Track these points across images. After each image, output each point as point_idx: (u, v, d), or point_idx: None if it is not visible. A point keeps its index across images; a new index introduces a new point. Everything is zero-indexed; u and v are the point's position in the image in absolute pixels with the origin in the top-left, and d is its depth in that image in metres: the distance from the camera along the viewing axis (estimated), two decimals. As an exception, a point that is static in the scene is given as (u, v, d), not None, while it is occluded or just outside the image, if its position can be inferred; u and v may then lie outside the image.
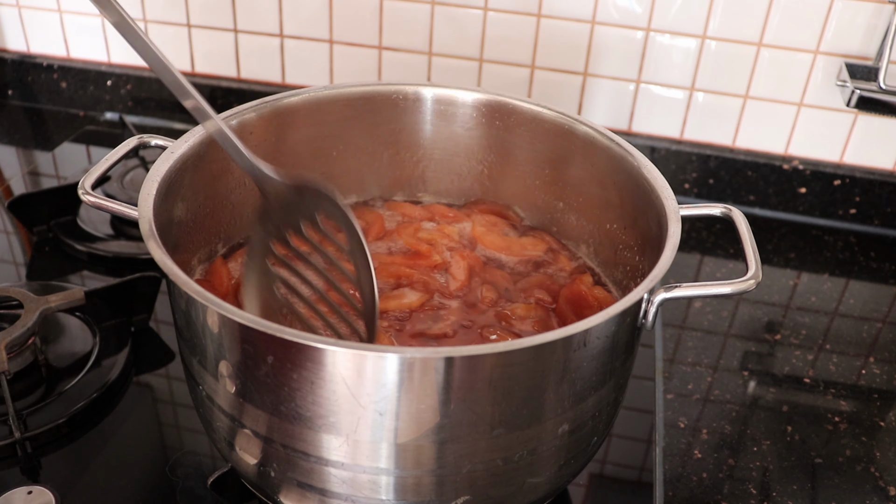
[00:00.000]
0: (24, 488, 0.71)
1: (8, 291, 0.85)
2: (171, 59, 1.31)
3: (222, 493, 0.74)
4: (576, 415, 0.62)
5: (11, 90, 1.39)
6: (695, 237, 1.15)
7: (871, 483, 0.79)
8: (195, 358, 0.64)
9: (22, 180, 1.20)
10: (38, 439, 0.77)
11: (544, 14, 1.14)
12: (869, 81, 1.05)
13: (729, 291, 0.63)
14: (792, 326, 0.99)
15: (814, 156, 1.18)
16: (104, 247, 1.03)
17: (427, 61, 1.22)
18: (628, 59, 1.16)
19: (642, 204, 0.74)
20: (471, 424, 0.58)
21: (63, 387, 0.82)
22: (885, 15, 1.06)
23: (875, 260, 1.13)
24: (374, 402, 0.56)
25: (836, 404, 0.88)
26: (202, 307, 0.58)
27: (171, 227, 0.70)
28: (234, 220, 0.83)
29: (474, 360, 0.55)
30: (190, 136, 0.74)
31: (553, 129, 0.83)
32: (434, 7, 1.17)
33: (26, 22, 1.33)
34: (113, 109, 1.36)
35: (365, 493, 0.61)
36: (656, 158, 1.20)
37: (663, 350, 0.94)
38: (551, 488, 0.67)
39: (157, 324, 0.93)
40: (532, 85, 1.21)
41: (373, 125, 0.88)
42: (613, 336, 0.61)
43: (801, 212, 1.21)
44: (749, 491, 0.78)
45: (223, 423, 0.65)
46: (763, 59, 1.12)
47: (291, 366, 0.56)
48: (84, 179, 0.69)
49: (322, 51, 1.24)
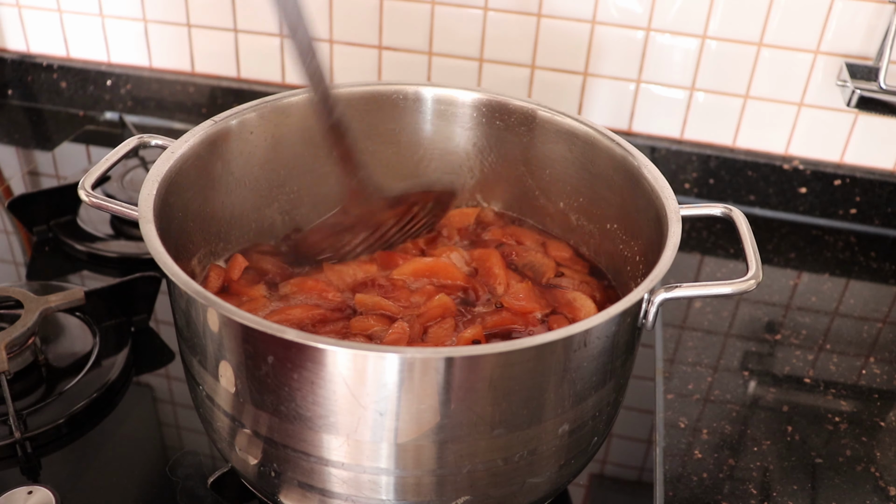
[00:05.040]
0: (24, 488, 0.71)
1: (8, 291, 0.85)
2: (171, 59, 1.32)
3: (222, 493, 0.74)
4: (576, 415, 0.62)
5: (11, 90, 1.39)
6: (695, 237, 1.15)
7: (872, 483, 0.79)
8: (195, 358, 0.64)
9: (22, 180, 1.20)
10: (38, 439, 0.77)
11: (544, 14, 1.14)
12: (869, 81, 1.05)
13: (729, 291, 0.63)
14: (792, 326, 0.99)
15: (814, 156, 1.18)
16: (104, 247, 1.03)
17: (427, 61, 1.22)
18: (628, 59, 1.16)
19: (642, 204, 0.74)
20: (471, 424, 0.58)
21: (63, 387, 0.82)
22: (885, 15, 1.06)
23: (875, 260, 1.13)
24: (374, 402, 0.56)
25: (837, 404, 0.88)
26: (202, 307, 0.58)
27: (171, 228, 0.70)
28: (235, 220, 0.83)
29: (474, 360, 0.55)
30: (190, 136, 0.74)
31: (553, 129, 0.83)
32: (434, 7, 1.17)
33: (26, 22, 1.33)
34: (113, 109, 1.36)
35: (365, 493, 0.61)
36: (656, 158, 1.20)
37: (663, 350, 0.94)
38: (551, 488, 0.67)
39: (157, 324, 0.93)
40: (532, 85, 1.21)
41: (373, 125, 0.88)
42: (614, 336, 0.61)
43: (802, 212, 1.20)
44: (749, 491, 0.78)
45: (223, 423, 0.65)
46: (763, 59, 1.12)
47: (292, 366, 0.56)
48: (84, 179, 0.69)
49: (322, 51, 1.24)
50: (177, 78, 1.31)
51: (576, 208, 0.85)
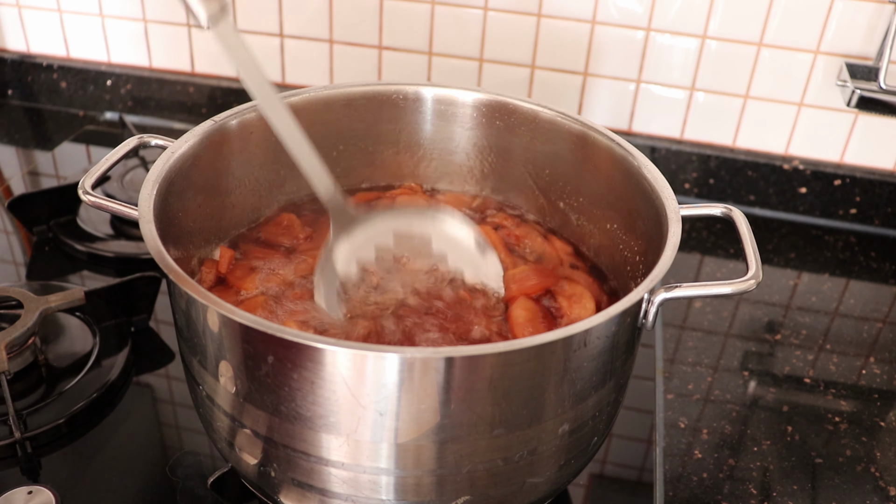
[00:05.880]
0: (24, 488, 0.71)
1: (8, 291, 0.85)
2: (171, 59, 1.32)
3: (222, 493, 0.74)
4: (576, 415, 0.62)
5: (11, 90, 1.39)
6: (695, 237, 1.15)
7: (872, 483, 0.79)
8: (195, 358, 0.64)
9: (22, 180, 1.20)
10: (38, 439, 0.77)
11: (544, 14, 1.14)
12: (869, 81, 1.05)
13: (729, 291, 0.63)
14: (792, 326, 0.99)
15: (814, 156, 1.18)
16: (104, 247, 1.03)
17: (427, 61, 1.22)
18: (628, 59, 1.16)
19: (642, 204, 0.74)
20: (471, 424, 0.58)
21: (63, 387, 0.82)
22: (885, 15, 1.06)
23: (875, 260, 1.13)
24: (374, 402, 0.56)
25: (837, 404, 0.88)
26: (202, 307, 0.58)
27: (171, 227, 0.70)
28: (235, 220, 0.83)
29: (474, 360, 0.55)
30: (190, 136, 0.74)
31: (553, 129, 0.83)
32: (434, 7, 1.17)
33: (26, 22, 1.33)
34: (113, 109, 1.36)
35: (365, 493, 0.61)
36: (656, 158, 1.20)
37: (663, 350, 0.94)
38: (551, 488, 0.67)
39: (157, 324, 0.93)
40: (532, 85, 1.21)
41: (373, 125, 0.88)
42: (614, 336, 0.61)
43: (802, 212, 1.20)
44: (749, 491, 0.78)
45: (223, 423, 0.65)
46: (763, 59, 1.12)
47: (292, 366, 0.56)
48: (84, 179, 0.69)
49: (322, 51, 1.24)
50: (177, 78, 1.31)
51: (576, 208, 0.85)
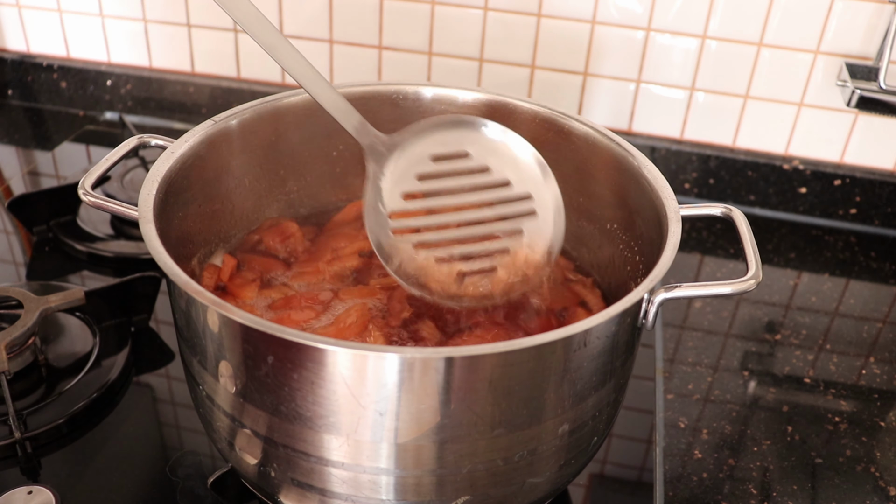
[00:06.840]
0: (24, 488, 0.71)
1: (8, 291, 0.85)
2: (171, 59, 1.32)
3: (222, 493, 0.74)
4: (576, 415, 0.62)
5: (11, 90, 1.39)
6: (695, 237, 1.15)
7: (872, 483, 0.79)
8: (195, 358, 0.64)
9: (22, 180, 1.20)
10: (38, 439, 0.77)
11: (544, 14, 1.14)
12: (869, 81, 1.05)
13: (729, 291, 0.63)
14: (792, 326, 0.99)
15: (814, 156, 1.18)
16: (104, 247, 1.03)
17: (427, 61, 1.22)
18: (628, 59, 1.16)
19: (642, 204, 0.74)
20: (471, 424, 0.58)
21: (63, 387, 0.82)
22: (885, 15, 1.06)
23: (875, 260, 1.13)
24: (374, 402, 0.56)
25: (837, 404, 0.88)
26: (202, 307, 0.58)
27: (171, 228, 0.70)
28: (234, 220, 0.83)
29: (474, 360, 0.55)
30: (190, 136, 0.74)
31: (553, 129, 0.83)
32: (434, 7, 1.17)
33: (26, 22, 1.33)
34: (113, 109, 1.36)
35: (365, 493, 0.61)
36: (656, 158, 1.20)
37: (663, 350, 0.94)
38: (551, 488, 0.67)
39: (157, 324, 0.93)
40: (532, 85, 1.21)
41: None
42: (614, 336, 0.61)
43: (802, 212, 1.21)
44: (749, 491, 0.78)
45: (223, 423, 0.65)
46: (763, 59, 1.12)
47: (291, 366, 0.56)
48: (84, 179, 0.69)
49: (322, 51, 1.24)
50: (177, 78, 1.31)
51: (576, 208, 0.85)
